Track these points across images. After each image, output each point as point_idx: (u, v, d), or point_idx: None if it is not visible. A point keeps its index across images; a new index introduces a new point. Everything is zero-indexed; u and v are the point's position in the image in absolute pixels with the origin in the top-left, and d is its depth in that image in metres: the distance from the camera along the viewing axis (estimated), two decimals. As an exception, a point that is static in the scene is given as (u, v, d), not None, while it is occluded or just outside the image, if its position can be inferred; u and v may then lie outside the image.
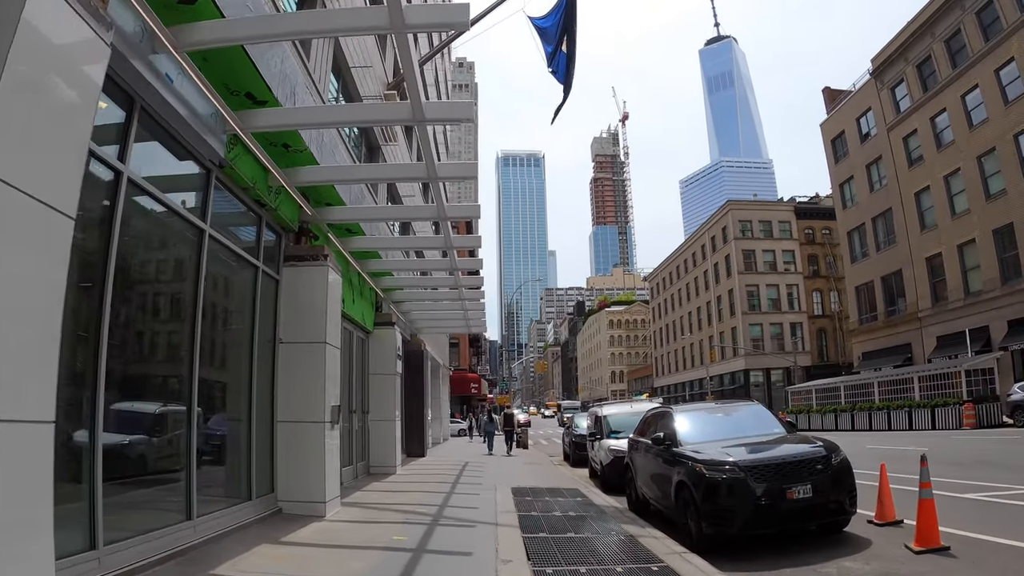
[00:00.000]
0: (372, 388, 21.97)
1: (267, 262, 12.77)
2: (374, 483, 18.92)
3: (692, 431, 12.61)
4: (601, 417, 22.43)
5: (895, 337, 58.01)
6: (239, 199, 11.58)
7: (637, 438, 15.27)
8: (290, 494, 12.59)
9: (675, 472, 11.62)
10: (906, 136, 55.95)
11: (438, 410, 46.15)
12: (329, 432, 12.96)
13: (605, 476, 19.70)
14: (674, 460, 11.88)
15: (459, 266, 18.96)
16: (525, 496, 16.17)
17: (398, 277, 22.02)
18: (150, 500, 8.93)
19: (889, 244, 58.94)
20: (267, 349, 12.74)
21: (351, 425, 19.60)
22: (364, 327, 20.98)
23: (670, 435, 12.59)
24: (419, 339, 30.84)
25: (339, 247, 16.11)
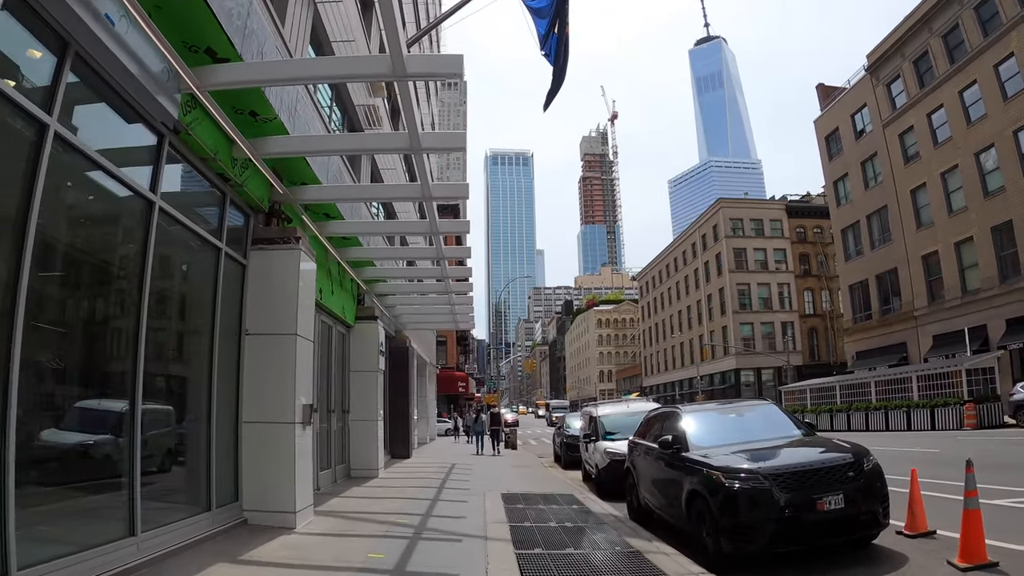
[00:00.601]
0: (353, 386, 20.70)
1: (232, 244, 11.49)
2: (354, 488, 17.66)
3: (703, 434, 11.39)
4: (596, 418, 21.17)
5: (890, 336, 57.06)
6: (199, 172, 10.30)
7: (638, 441, 14.09)
8: (257, 503, 11.31)
9: (686, 480, 10.41)
10: (902, 133, 55.09)
11: (424, 409, 44.98)
12: (300, 434, 11.66)
13: (601, 480, 18.48)
14: (684, 466, 10.68)
15: (446, 255, 17.62)
16: (516, 503, 14.94)
17: (381, 268, 20.78)
18: (83, 514, 7.64)
19: (884, 242, 57.99)
20: (231, 341, 11.47)
21: (329, 426, 18.37)
22: (345, 321, 19.72)
23: (679, 438, 11.34)
24: (404, 335, 29.59)
25: (315, 231, 14.87)
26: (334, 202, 14.34)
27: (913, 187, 53.73)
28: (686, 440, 11.17)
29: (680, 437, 11.33)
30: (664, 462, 11.65)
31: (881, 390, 47.52)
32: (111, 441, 8.11)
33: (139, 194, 8.43)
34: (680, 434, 11.41)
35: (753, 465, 9.47)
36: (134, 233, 8.55)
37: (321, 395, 17.73)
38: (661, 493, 11.90)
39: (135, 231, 8.55)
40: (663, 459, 11.68)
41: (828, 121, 66.57)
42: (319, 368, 17.03)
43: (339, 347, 19.83)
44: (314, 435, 15.96)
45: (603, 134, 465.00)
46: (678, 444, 11.21)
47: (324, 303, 16.64)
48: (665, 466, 11.61)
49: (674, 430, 11.72)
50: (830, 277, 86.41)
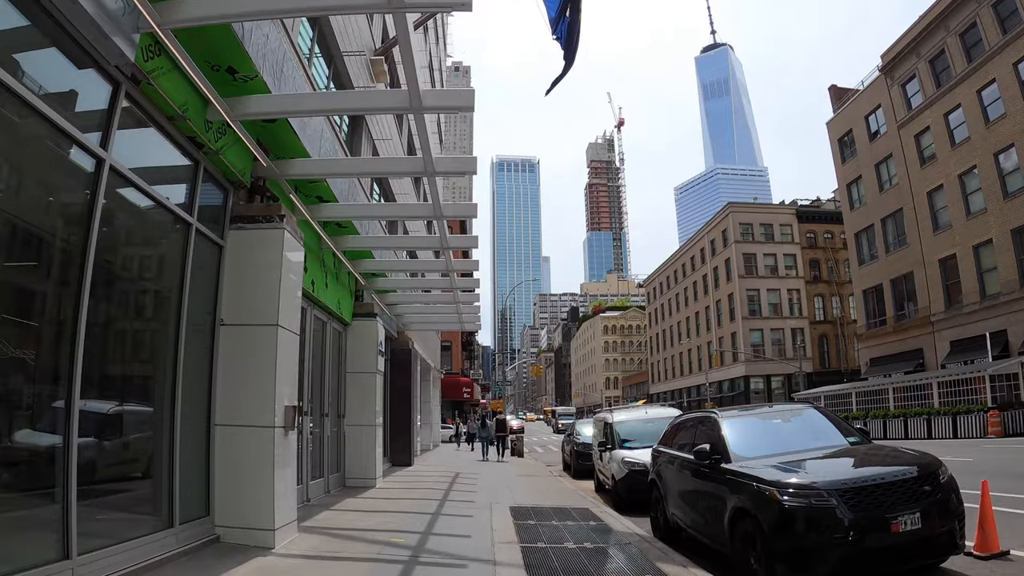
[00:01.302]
0: (349, 389, 19.18)
1: (207, 222, 10.06)
2: (348, 499, 16.14)
3: (746, 442, 9.92)
4: (611, 424, 19.72)
5: (906, 342, 55.42)
6: (165, 133, 8.85)
7: (664, 450, 12.70)
8: (232, 518, 9.85)
9: (730, 496, 8.98)
10: (918, 134, 53.47)
11: (428, 415, 43.52)
12: (282, 440, 10.17)
13: (618, 493, 17.13)
14: (727, 480, 9.24)
15: (451, 244, 16.06)
16: (527, 519, 13.43)
17: (381, 260, 19.37)
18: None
19: (899, 245, 56.37)
20: (203, 332, 10.04)
21: (323, 431, 16.94)
22: (341, 318, 18.24)
23: (718, 448, 9.88)
24: (407, 336, 28.08)
25: (306, 215, 13.37)
26: (324, 177, 12.77)
27: (930, 189, 52.10)
28: (727, 450, 9.71)
29: (720, 446, 9.87)
30: (699, 475, 10.22)
31: (899, 397, 46.64)
32: (39, 444, 6.62)
33: (84, 148, 6.97)
34: (720, 443, 9.95)
35: (813, 479, 8.09)
36: (76, 195, 7.12)
37: (314, 398, 16.36)
38: (695, 510, 10.48)
39: (77, 193, 7.11)
40: (698, 471, 10.25)
41: (841, 123, 65.03)
42: (311, 368, 15.72)
43: (334, 346, 18.37)
44: (305, 441, 14.65)
45: (609, 140, 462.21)
46: (717, 454, 9.76)
47: (317, 296, 15.22)
48: (701, 479, 10.18)
49: (712, 439, 10.25)
50: (840, 283, 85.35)
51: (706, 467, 9.92)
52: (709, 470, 9.83)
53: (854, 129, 62.78)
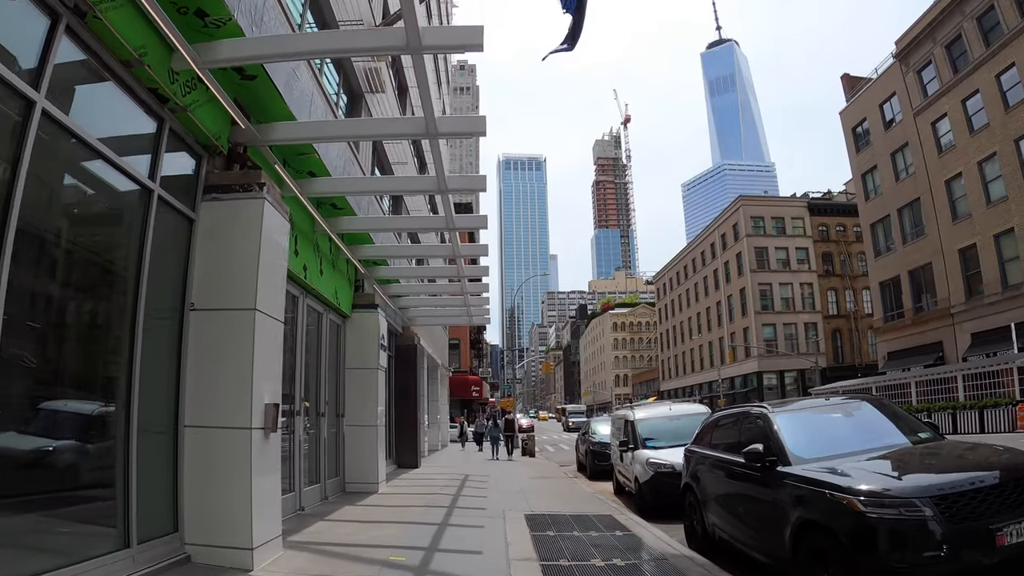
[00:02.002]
0: (349, 386, 17.71)
1: (176, 193, 8.66)
2: (347, 507, 14.70)
3: (806, 441, 8.48)
4: (632, 422, 18.25)
5: (924, 335, 53.97)
6: (120, 82, 7.47)
7: (699, 450, 11.32)
8: (203, 534, 8.43)
9: (792, 505, 7.59)
10: (935, 121, 52.05)
11: (436, 414, 42.00)
12: (261, 443, 8.76)
13: (643, 497, 15.72)
14: (787, 486, 7.84)
15: (458, 224, 14.61)
16: (545, 529, 12.00)
17: (381, 246, 17.93)
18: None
19: (917, 236, 54.95)
20: (168, 318, 8.65)
21: (319, 432, 15.54)
22: (338, 309, 16.80)
23: (774, 448, 8.45)
24: (413, 331, 26.71)
25: (296, 191, 11.96)
26: (312, 141, 11.21)
27: (948, 177, 50.75)
28: (785, 451, 8.28)
29: (776, 447, 8.44)
30: (749, 480, 8.82)
31: (922, 391, 45.40)
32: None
33: (8, 85, 5.60)
34: (775, 443, 8.51)
35: (899, 485, 6.66)
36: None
37: (309, 396, 15.02)
38: (744, 520, 9.08)
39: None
40: (748, 476, 8.84)
41: (855, 112, 63.61)
42: (306, 363, 14.35)
43: (332, 340, 16.95)
44: (298, 443, 13.31)
45: (616, 137, 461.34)
46: (773, 456, 8.32)
47: (310, 283, 13.84)
48: (751, 485, 8.79)
49: (764, 437, 8.79)
50: (854, 276, 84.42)
51: (758, 471, 8.50)
52: (763, 474, 8.42)
53: (868, 118, 61.40)
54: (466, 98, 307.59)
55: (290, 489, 13.15)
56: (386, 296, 20.64)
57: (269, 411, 8.86)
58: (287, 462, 13.14)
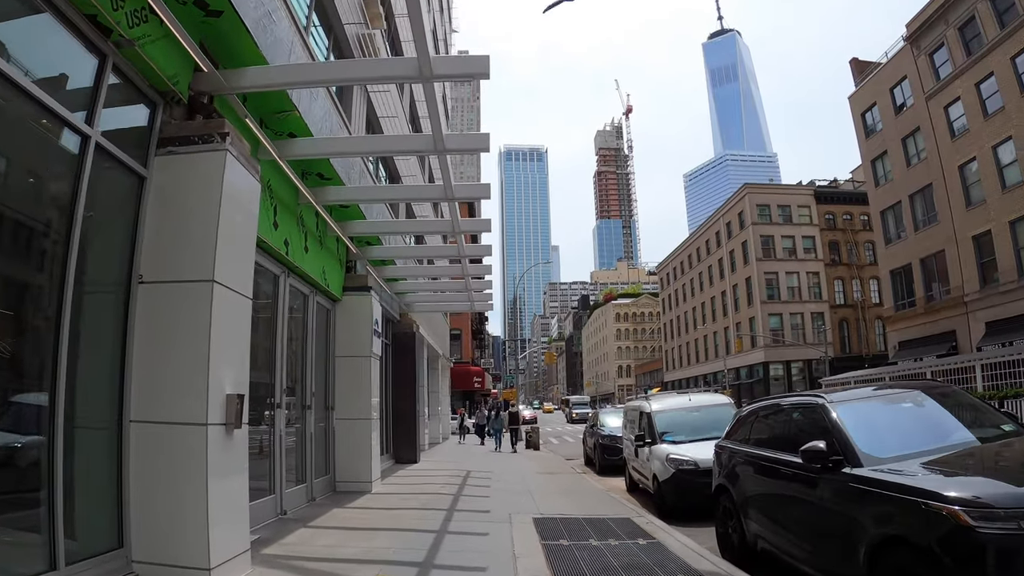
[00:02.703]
0: (339, 375, 16.24)
1: (123, 144, 7.23)
2: (335, 510, 13.20)
3: (876, 438, 7.06)
4: (649, 415, 16.77)
5: (937, 324, 52.65)
6: (50, 4, 6.09)
7: (735, 446, 9.95)
8: (155, 550, 7.01)
9: (867, 516, 6.24)
10: (947, 105, 50.62)
11: (437, 406, 40.73)
12: (221, 442, 7.35)
13: (663, 497, 14.36)
14: (860, 492, 6.44)
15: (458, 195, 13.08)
16: (558, 537, 10.58)
17: (375, 222, 16.43)
18: None
19: (929, 223, 53.52)
20: (110, 293, 7.24)
21: (304, 426, 14.12)
22: (327, 291, 15.36)
23: (840, 446, 7.02)
24: (411, 319, 25.29)
25: (275, 154, 10.49)
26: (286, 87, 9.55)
27: (961, 162, 49.33)
28: (853, 449, 6.85)
29: (842, 444, 7.00)
30: (805, 482, 7.43)
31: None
32: None
33: None
34: (841, 439, 7.07)
35: (1014, 492, 5.28)
36: None
37: (294, 387, 13.68)
38: (797, 531, 7.68)
39: None
40: (803, 478, 7.45)
41: (864, 97, 62.15)
42: (288, 350, 12.94)
43: (320, 325, 15.55)
44: (279, 440, 11.93)
45: (618, 128, 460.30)
46: (838, 455, 6.90)
47: (293, 260, 12.42)
48: (807, 488, 7.39)
49: (826, 432, 7.34)
50: (861, 265, 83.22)
51: (817, 472, 7.10)
52: (823, 477, 7.01)
53: (878, 102, 59.90)
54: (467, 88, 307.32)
55: (270, 491, 11.77)
56: (381, 279, 19.22)
57: (231, 403, 7.43)
58: (267, 460, 11.80)
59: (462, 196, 13.45)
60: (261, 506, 11.11)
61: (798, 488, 7.64)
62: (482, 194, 15.04)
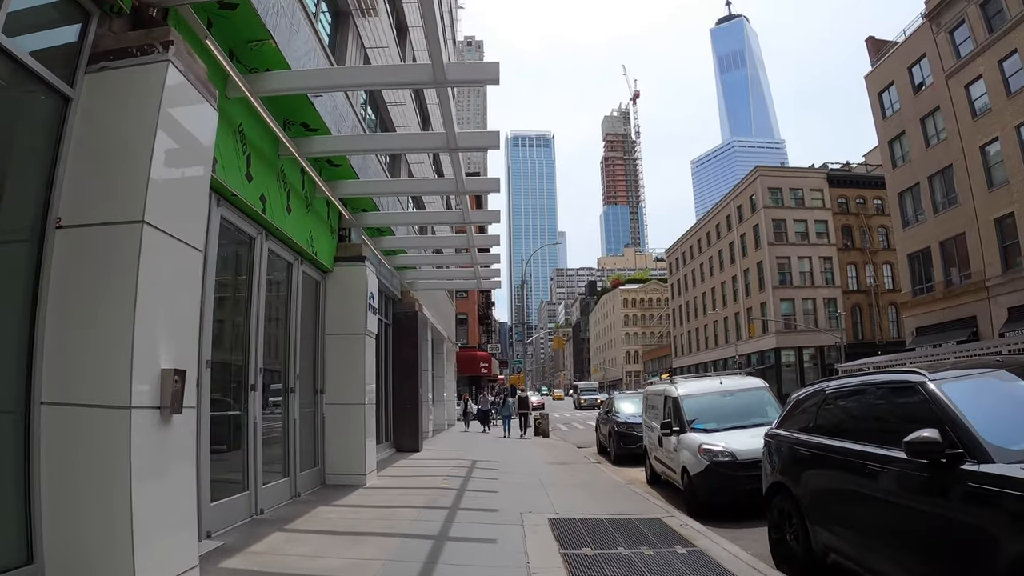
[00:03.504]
0: (329, 355, 14.55)
1: (43, 59, 5.62)
2: (320, 508, 11.51)
3: (999, 425, 5.45)
4: (677, 400, 15.01)
5: (956, 310, 51.27)
6: None
7: (794, 435, 8.39)
8: (75, 568, 5.42)
9: (1008, 527, 4.68)
10: (968, 83, 49.11)
11: (442, 391, 39.03)
12: (154, 431, 5.71)
13: (694, 492, 12.78)
14: (988, 495, 4.93)
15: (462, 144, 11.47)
16: (580, 544, 8.97)
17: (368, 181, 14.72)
18: None
19: (949, 205, 52.12)
20: (21, 240, 5.68)
21: (287, 412, 12.47)
22: (315, 260, 13.72)
23: (960, 436, 5.37)
24: (413, 297, 23.66)
25: (245, 90, 8.90)
26: None
27: (983, 143, 47.83)
28: (977, 440, 5.26)
29: (963, 434, 5.38)
30: (905, 481, 5.86)
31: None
32: None
33: None
34: (960, 428, 5.44)
35: None
36: None
37: (275, 366, 12.12)
38: (896, 546, 6.06)
39: None
40: (903, 476, 5.87)
41: (881, 76, 60.54)
42: (266, 323, 11.30)
43: (308, 297, 13.91)
44: (252, 428, 10.33)
45: (625, 113, 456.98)
46: (956, 447, 5.29)
47: (273, 221, 10.84)
48: (910, 490, 5.81)
49: (936, 420, 5.66)
50: (874, 250, 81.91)
51: (926, 469, 5.49)
52: (935, 475, 5.40)
53: (896, 82, 58.30)
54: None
55: (243, 487, 10.15)
56: (378, 251, 17.59)
57: (168, 381, 5.77)
58: (239, 452, 10.18)
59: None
60: (231, 506, 9.52)
61: (894, 489, 6.03)
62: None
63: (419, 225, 20.62)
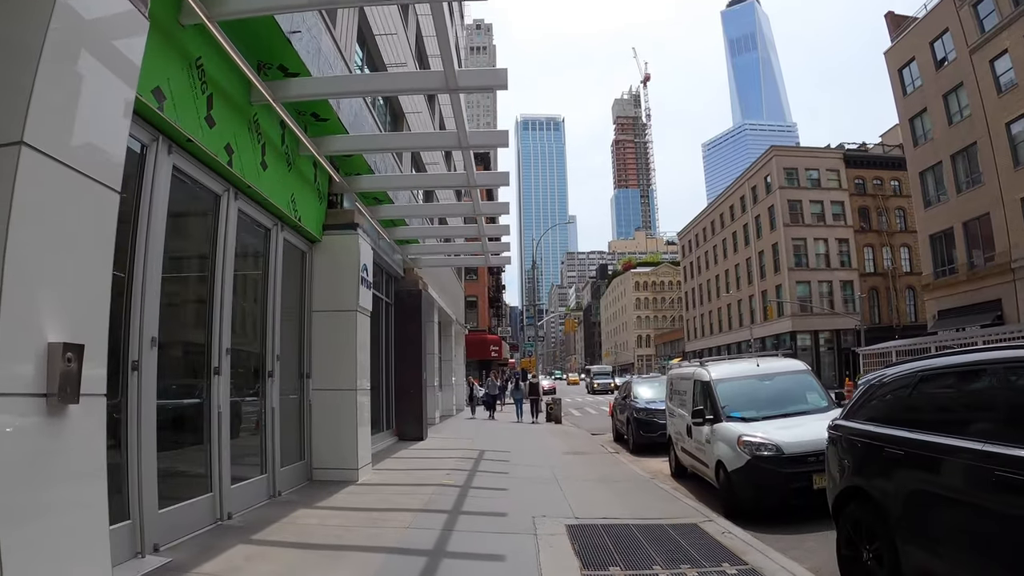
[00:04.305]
0: (315, 335, 12.90)
1: None
2: (299, 512, 9.83)
3: None
4: (710, 384, 13.16)
5: (980, 292, 49.76)
6: None
7: (874, 429, 6.77)
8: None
9: None
10: (993, 58, 47.44)
11: (450, 375, 37.61)
12: (37, 427, 4.13)
13: (732, 491, 11.09)
14: None
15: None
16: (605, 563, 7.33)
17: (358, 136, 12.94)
18: None
19: (973, 184, 50.49)
20: None
21: (265, 400, 10.86)
22: (299, 226, 12.03)
23: None
24: (417, 275, 22.02)
25: (202, 14, 7.30)
26: None
27: (1009, 119, 46.07)
28: None
29: None
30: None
31: None
32: None
33: None
34: None
35: None
36: None
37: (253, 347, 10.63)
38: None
39: None
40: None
41: (901, 51, 58.68)
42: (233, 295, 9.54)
43: (291, 269, 12.31)
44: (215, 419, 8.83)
45: (635, 96, 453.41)
46: None
47: (242, 177, 9.25)
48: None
49: None
50: (891, 232, 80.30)
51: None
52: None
53: (917, 57, 56.51)
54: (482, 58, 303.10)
55: (206, 488, 8.59)
56: (376, 221, 15.97)
57: (56, 359, 4.19)
58: (202, 449, 8.68)
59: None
60: (187, 511, 7.95)
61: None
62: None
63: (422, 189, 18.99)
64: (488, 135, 12.58)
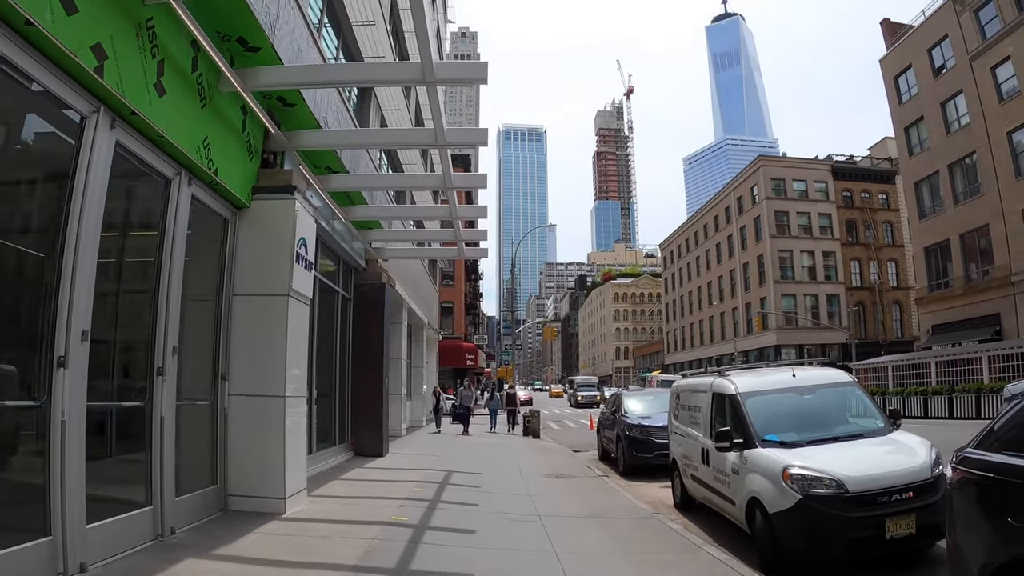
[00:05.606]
0: (236, 325, 10.11)
1: None
2: (189, 560, 7.04)
3: None
4: (734, 399, 10.31)
5: (978, 306, 48.49)
6: None
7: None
8: None
9: None
10: (994, 65, 46.44)
11: (421, 384, 35.38)
12: None
13: (775, 541, 8.24)
14: None
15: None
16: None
17: (303, 67, 10.33)
18: None
19: (971, 195, 49.41)
20: None
21: (152, 406, 7.92)
22: (216, 183, 9.25)
23: None
24: (381, 267, 19.36)
25: None
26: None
27: (1010, 128, 45.13)
28: None
29: None
30: None
31: (996, 367, 39.93)
32: None
33: None
34: None
35: None
36: None
37: (135, 334, 8.07)
38: None
39: None
40: None
41: (897, 59, 57.83)
42: (98, 262, 6.73)
43: (204, 240, 9.55)
44: (60, 431, 6.34)
45: (618, 108, 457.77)
46: None
47: (120, 95, 6.58)
48: None
49: None
50: (879, 246, 79.79)
51: None
52: None
53: (914, 65, 55.54)
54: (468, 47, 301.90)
55: (44, 531, 5.92)
56: (325, 192, 13.30)
57: None
58: (38, 471, 6.02)
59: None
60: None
61: None
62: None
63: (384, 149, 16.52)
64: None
